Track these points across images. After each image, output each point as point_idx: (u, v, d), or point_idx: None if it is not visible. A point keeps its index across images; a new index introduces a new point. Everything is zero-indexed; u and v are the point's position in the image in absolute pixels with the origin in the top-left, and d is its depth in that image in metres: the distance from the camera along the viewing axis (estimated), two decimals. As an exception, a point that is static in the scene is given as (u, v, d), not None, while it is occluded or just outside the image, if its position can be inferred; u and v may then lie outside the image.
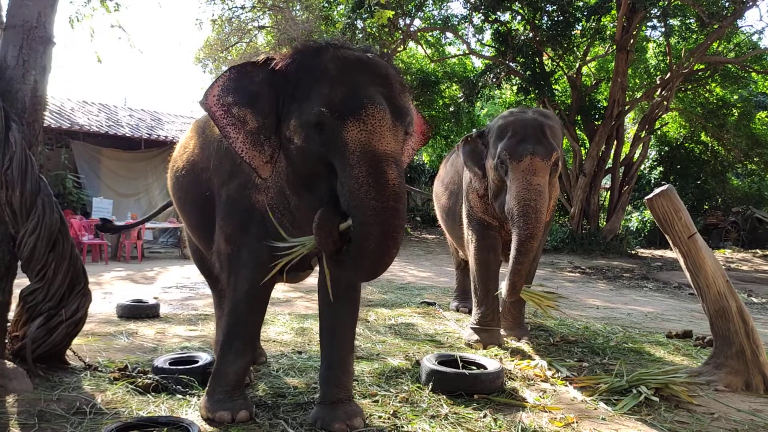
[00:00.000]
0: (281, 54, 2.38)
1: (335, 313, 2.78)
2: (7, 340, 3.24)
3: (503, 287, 4.06)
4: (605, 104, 15.55)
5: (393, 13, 11.35)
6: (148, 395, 2.94)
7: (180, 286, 7.31)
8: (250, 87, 2.34)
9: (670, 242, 3.80)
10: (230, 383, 2.67)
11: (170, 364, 3.28)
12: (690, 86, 16.71)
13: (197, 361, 3.33)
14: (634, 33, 14.13)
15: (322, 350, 2.83)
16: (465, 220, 4.74)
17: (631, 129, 18.67)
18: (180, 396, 2.94)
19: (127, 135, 13.37)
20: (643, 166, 18.08)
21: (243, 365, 2.72)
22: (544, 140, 4.01)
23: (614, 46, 14.42)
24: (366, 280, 2.23)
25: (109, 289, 6.98)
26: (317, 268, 2.96)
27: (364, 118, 2.09)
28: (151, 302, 5.33)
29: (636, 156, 16.09)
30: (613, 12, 14.21)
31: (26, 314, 3.24)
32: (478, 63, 18.68)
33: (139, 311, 5.10)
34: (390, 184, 2.06)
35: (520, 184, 3.91)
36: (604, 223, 15.88)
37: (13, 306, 3.33)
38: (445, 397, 3.09)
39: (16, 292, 3.31)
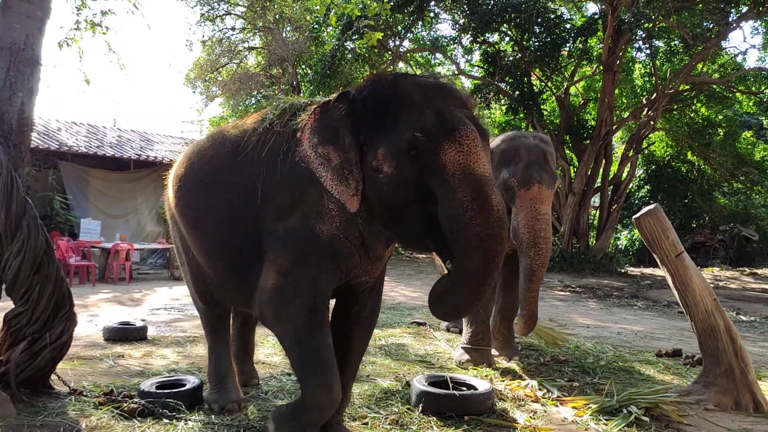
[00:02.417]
0: (356, 86, 2.40)
1: (350, 339, 2.73)
2: (-10, 365, 3.19)
3: (518, 320, 4.07)
4: (593, 124, 15.72)
5: (383, 35, 11.46)
6: (134, 420, 2.89)
7: (168, 308, 7.23)
8: (330, 124, 2.34)
9: (658, 261, 3.82)
10: (310, 422, 2.50)
11: (157, 387, 3.23)
12: (676, 106, 16.95)
13: (185, 385, 3.28)
14: (621, 54, 14.34)
15: None
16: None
17: (618, 148, 18.87)
18: (167, 420, 2.89)
19: (116, 156, 13.32)
20: (631, 185, 18.23)
21: (331, 402, 2.46)
22: (547, 167, 4.08)
23: (601, 67, 14.62)
24: (466, 306, 2.21)
25: (96, 311, 6.90)
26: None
27: (459, 139, 2.11)
28: (138, 324, 5.26)
29: (624, 175, 16.24)
30: (600, 33, 14.44)
31: (10, 338, 3.19)
32: (467, 83, 18.86)
33: (126, 334, 5.04)
34: (494, 209, 2.09)
35: (529, 213, 3.95)
36: (594, 241, 15.96)
37: (-3, 329, 3.29)
38: (435, 418, 3.07)
39: (0, 315, 3.27)
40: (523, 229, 3.94)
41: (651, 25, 12.95)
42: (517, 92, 14.73)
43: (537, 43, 14.72)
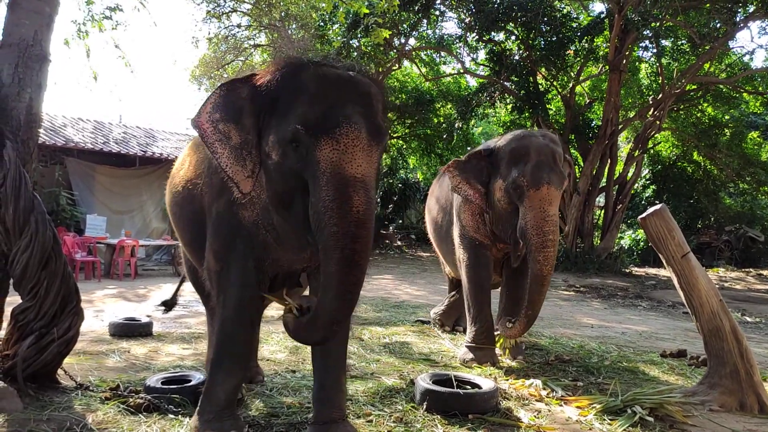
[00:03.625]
0: (264, 70, 2.42)
1: None
2: (-3, 359, 3.21)
3: (518, 321, 4.08)
4: (599, 123, 15.68)
5: (390, 32, 11.45)
6: (140, 415, 2.91)
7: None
8: (235, 103, 2.37)
9: (664, 261, 3.81)
10: (220, 403, 2.63)
11: (163, 383, 3.25)
12: (682, 106, 16.89)
13: (190, 380, 3.30)
14: (627, 53, 14.29)
15: (315, 371, 2.80)
16: (457, 240, 4.74)
17: (624, 148, 18.83)
18: (172, 416, 2.91)
19: (121, 152, 13.35)
20: (636, 185, 18.18)
21: (233, 385, 2.67)
22: (556, 168, 4.07)
23: (607, 67, 14.57)
24: (336, 307, 2.12)
25: (102, 306, 6.93)
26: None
27: (338, 137, 2.11)
28: (143, 320, 5.28)
29: (629, 175, 16.19)
30: (606, 33, 14.39)
31: (17, 333, 3.21)
32: (472, 82, 18.84)
33: (131, 329, 5.06)
34: (354, 210, 2.08)
35: (538, 214, 3.94)
36: (599, 241, 15.92)
37: (5, 324, 3.31)
38: (439, 417, 3.07)
39: (8, 310, 3.29)
40: (532, 231, 3.94)
41: (658, 24, 12.90)
42: (522, 91, 14.71)
43: (543, 42, 14.69)
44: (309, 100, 2.20)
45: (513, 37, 15.54)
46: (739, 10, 13.04)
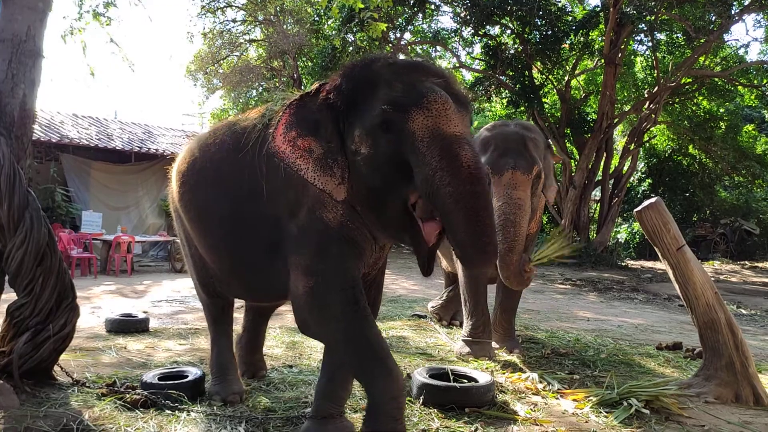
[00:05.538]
0: (331, 77, 2.40)
1: None
2: (-7, 356, 3.20)
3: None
4: (594, 117, 15.70)
5: (386, 26, 11.42)
6: (137, 411, 2.90)
7: (170, 300, 7.25)
8: (308, 116, 2.35)
9: (659, 254, 3.82)
10: (391, 415, 2.35)
11: (159, 379, 3.24)
12: (677, 99, 16.92)
13: (187, 376, 3.30)
14: (622, 47, 14.31)
15: (326, 363, 2.74)
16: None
17: (620, 141, 18.87)
18: (169, 411, 2.91)
19: (117, 148, 13.32)
20: (632, 179, 18.22)
21: (399, 387, 2.35)
22: (525, 153, 4.11)
23: (602, 60, 14.58)
24: (478, 267, 2.41)
25: (98, 303, 6.92)
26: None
27: (427, 105, 2.10)
28: (140, 316, 5.27)
29: (625, 168, 16.22)
30: (601, 26, 14.39)
31: (13, 329, 3.20)
32: (468, 76, 18.82)
33: (128, 325, 5.04)
34: (465, 165, 2.03)
35: (501, 198, 4.02)
36: (595, 235, 15.96)
37: (0, 321, 3.30)
38: (436, 410, 3.07)
39: (3, 307, 3.28)
40: (495, 214, 3.94)
41: (653, 17, 12.90)
42: (518, 85, 14.71)
43: (538, 36, 14.68)
44: (388, 84, 2.20)
45: (508, 31, 15.53)
46: (734, 3, 13.06)
